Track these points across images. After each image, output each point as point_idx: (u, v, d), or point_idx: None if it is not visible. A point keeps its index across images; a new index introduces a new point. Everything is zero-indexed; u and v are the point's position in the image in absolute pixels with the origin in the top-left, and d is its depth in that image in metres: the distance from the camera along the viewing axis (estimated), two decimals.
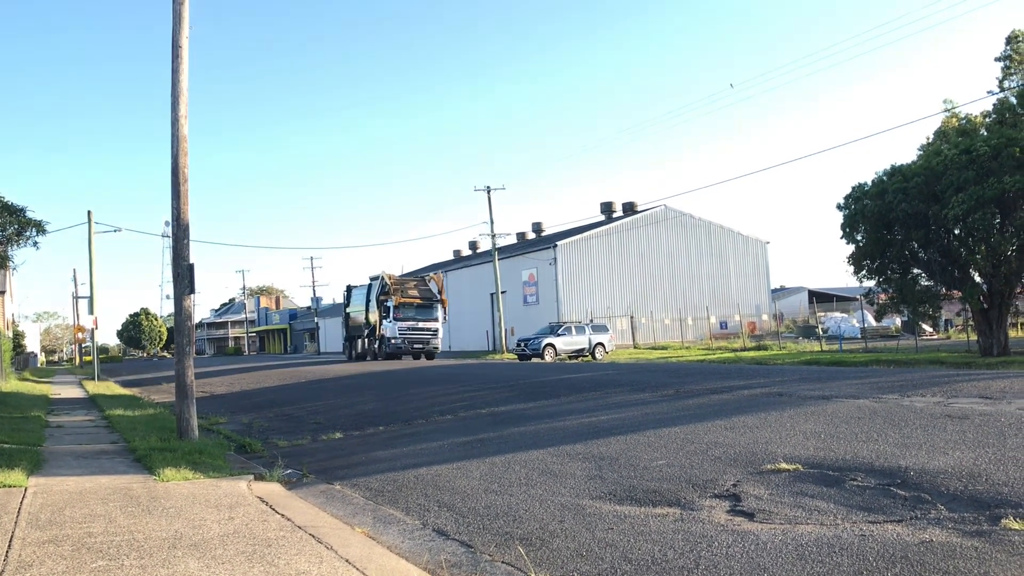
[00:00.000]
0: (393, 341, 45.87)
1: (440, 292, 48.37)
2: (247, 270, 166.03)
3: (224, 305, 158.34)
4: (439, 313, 47.87)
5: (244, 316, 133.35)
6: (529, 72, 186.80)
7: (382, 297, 46.81)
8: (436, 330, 47.50)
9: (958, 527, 5.88)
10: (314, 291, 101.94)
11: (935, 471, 7.47)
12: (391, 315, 45.97)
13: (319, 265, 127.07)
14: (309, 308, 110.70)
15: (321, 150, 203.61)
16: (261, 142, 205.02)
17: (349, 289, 55.65)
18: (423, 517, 7.42)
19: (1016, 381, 14.08)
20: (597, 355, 44.19)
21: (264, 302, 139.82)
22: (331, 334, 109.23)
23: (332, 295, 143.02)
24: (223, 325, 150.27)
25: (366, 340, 49.60)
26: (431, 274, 52.32)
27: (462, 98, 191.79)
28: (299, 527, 6.92)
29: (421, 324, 46.61)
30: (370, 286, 50.07)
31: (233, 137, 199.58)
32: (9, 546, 6.23)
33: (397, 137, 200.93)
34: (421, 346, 46.49)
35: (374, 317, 48.19)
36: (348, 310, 54.37)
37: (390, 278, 47.53)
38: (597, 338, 45.35)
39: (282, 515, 7.47)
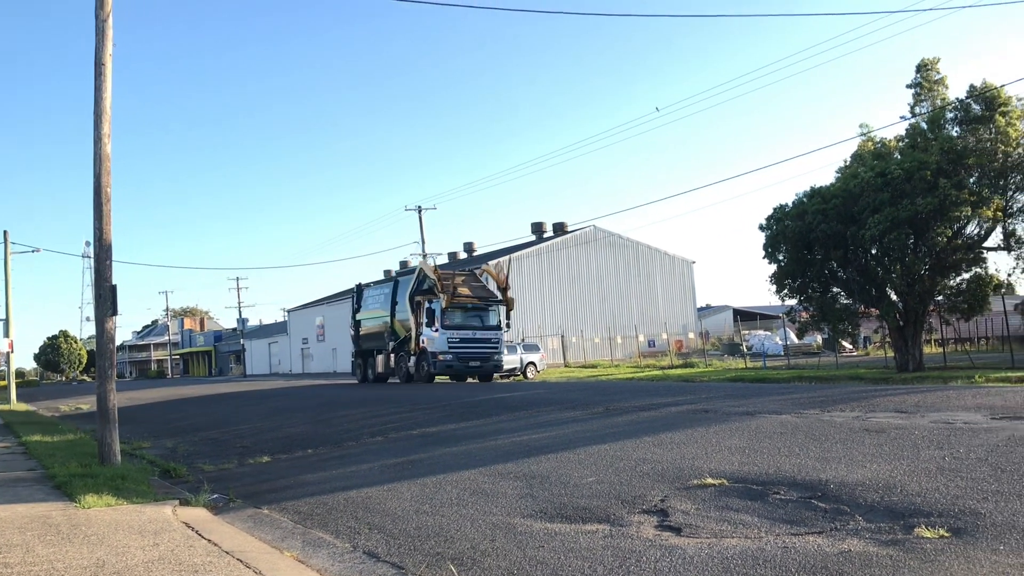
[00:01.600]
0: (441, 358, 34.05)
1: (503, 288, 36.06)
2: (171, 291, 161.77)
3: (147, 327, 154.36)
4: (501, 317, 36.02)
5: (167, 338, 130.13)
6: (463, 94, 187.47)
7: (420, 297, 35.59)
8: (498, 341, 35.79)
9: (875, 537, 6.09)
10: (240, 312, 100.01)
11: (854, 483, 7.72)
12: (437, 321, 34.30)
13: (245, 286, 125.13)
14: (235, 330, 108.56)
15: (247, 169, 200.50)
16: (185, 160, 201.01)
17: (360, 289, 42.92)
18: (353, 540, 7.37)
19: (929, 395, 14.62)
20: (528, 374, 44.37)
21: (188, 324, 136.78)
22: (257, 356, 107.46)
23: (259, 316, 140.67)
24: (145, 347, 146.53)
25: (391, 356, 37.82)
26: (485, 265, 40.86)
27: (392, 119, 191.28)
28: (226, 552, 6.82)
29: (479, 334, 35.18)
30: (396, 283, 38.86)
31: (156, 154, 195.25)
32: None
33: (326, 156, 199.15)
34: (479, 364, 35.05)
35: (405, 325, 36.67)
36: (359, 317, 41.87)
37: (434, 271, 35.60)
38: (528, 357, 45.54)
39: (208, 540, 7.34)
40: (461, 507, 8.22)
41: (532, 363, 45.31)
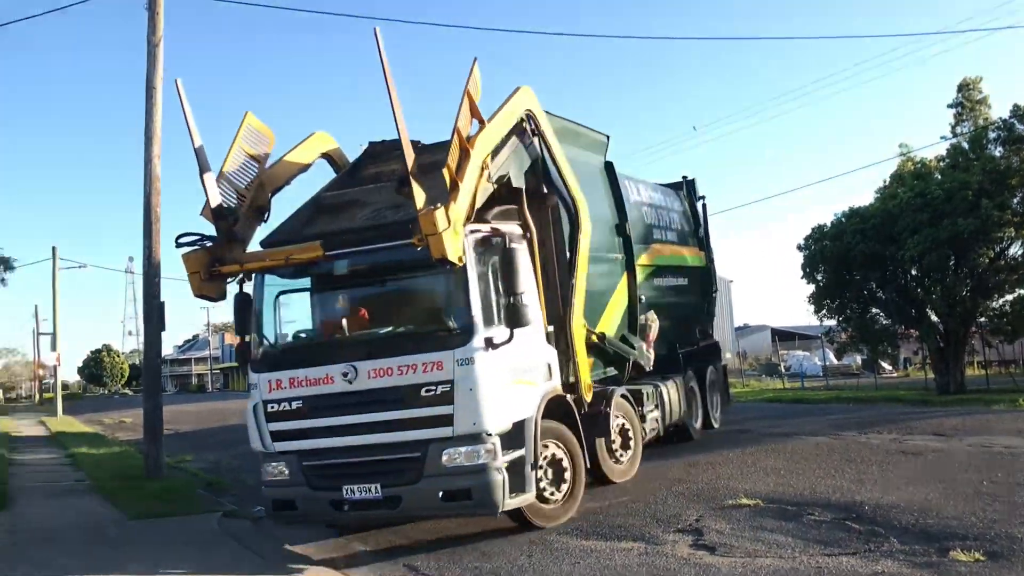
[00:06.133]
0: (269, 478, 8.00)
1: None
2: (211, 306, 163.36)
3: (188, 341, 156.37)
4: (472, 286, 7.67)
5: (208, 353, 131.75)
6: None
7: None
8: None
9: (909, 559, 6.15)
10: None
11: (888, 506, 7.76)
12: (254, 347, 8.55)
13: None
14: None
15: None
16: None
17: None
18: (392, 556, 7.52)
19: (968, 419, 14.52)
20: None
21: (228, 339, 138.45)
22: None
23: None
24: (186, 362, 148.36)
25: None
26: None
27: None
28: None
29: (374, 376, 7.58)
30: None
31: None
32: None
33: None
34: (375, 492, 7.48)
35: None
36: None
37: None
38: None
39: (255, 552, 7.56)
40: (499, 522, 8.34)
41: None
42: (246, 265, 7.96)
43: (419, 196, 6.77)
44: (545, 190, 9.03)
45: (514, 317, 7.28)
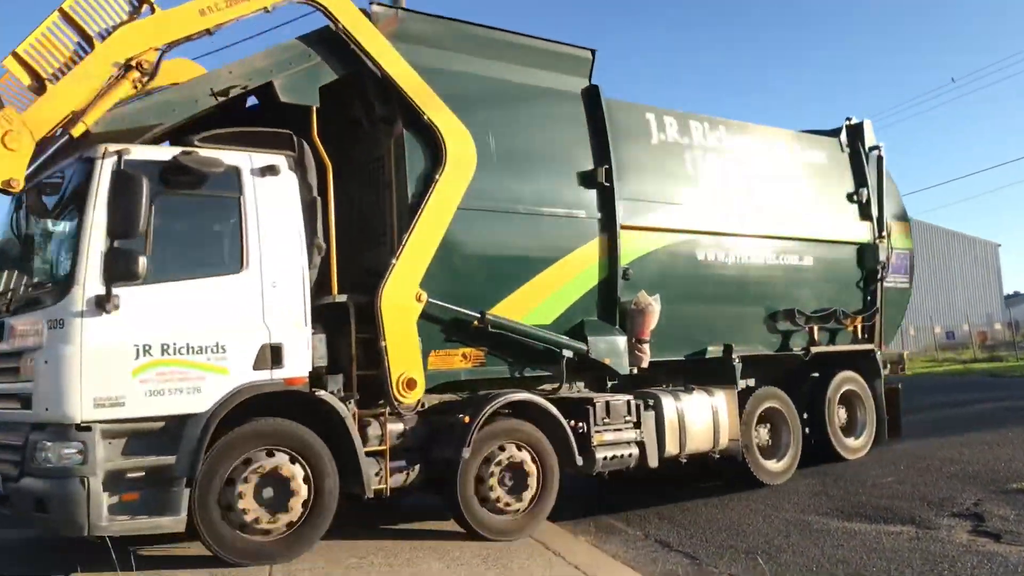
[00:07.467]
0: None
1: None
2: None
3: None
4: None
5: None
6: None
7: None
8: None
9: None
10: None
11: None
12: None
13: None
14: None
15: None
16: None
17: None
18: (644, 528, 7.52)
19: None
20: None
21: None
22: None
23: None
24: None
25: None
26: None
27: None
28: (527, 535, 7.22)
29: None
30: None
31: None
32: None
33: None
34: None
35: None
36: None
37: None
38: None
39: None
40: (751, 502, 8.14)
41: None
42: None
43: None
44: (383, 115, 7.08)
45: (112, 269, 5.40)
